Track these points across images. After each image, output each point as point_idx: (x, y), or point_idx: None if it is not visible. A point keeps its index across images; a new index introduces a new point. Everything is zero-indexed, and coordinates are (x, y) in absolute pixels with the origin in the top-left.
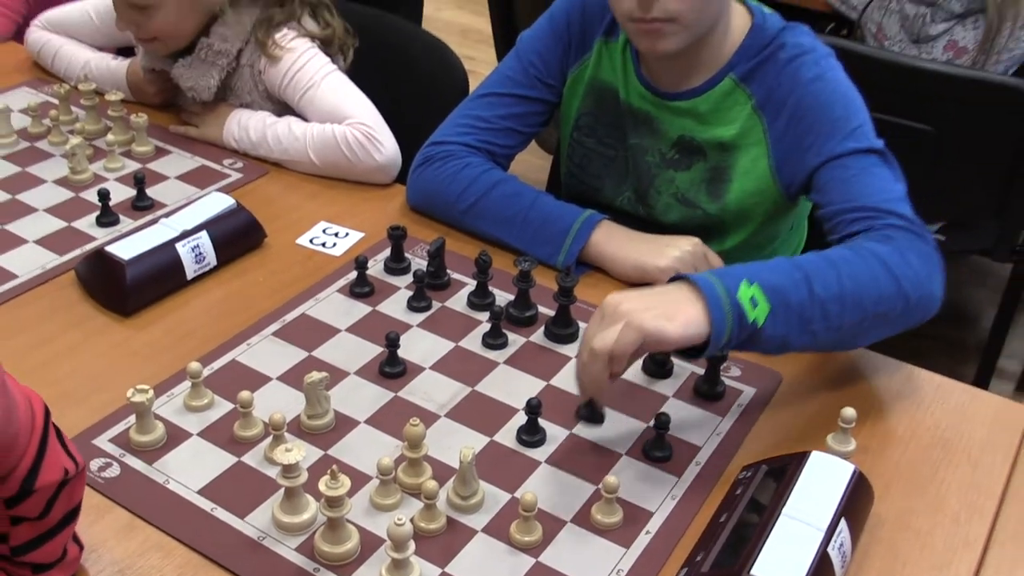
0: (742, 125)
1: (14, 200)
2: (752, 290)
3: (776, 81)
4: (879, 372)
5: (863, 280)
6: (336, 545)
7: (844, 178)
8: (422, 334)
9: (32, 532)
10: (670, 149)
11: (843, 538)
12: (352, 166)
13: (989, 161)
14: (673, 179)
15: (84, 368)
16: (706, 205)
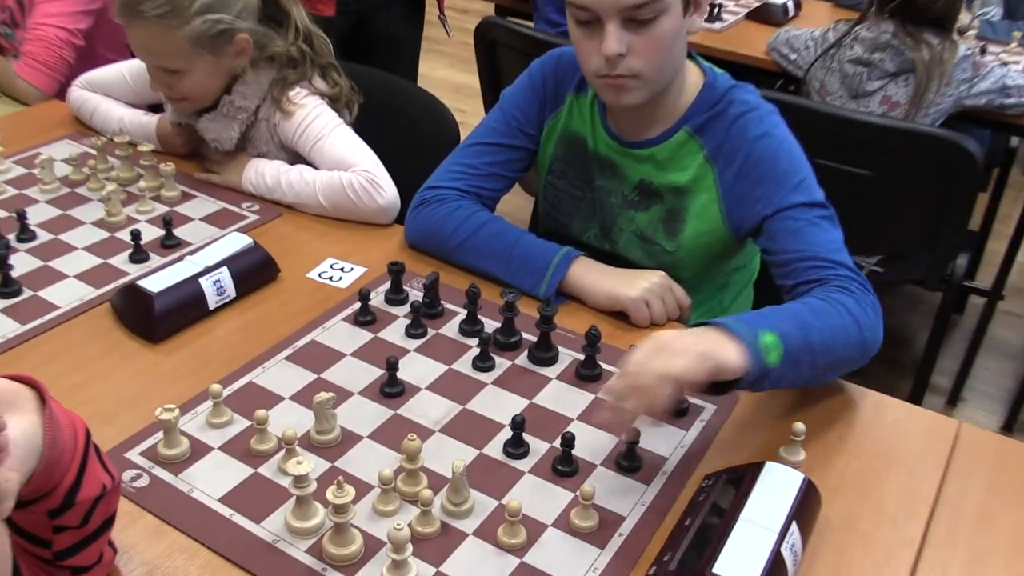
0: (695, 172)
1: (56, 239)
2: (770, 337)
3: (726, 134)
4: (825, 391)
5: (837, 329)
6: (342, 547)
7: (794, 229)
8: (418, 358)
9: (72, 539)
10: (631, 192)
11: (794, 539)
12: (357, 208)
13: (920, 201)
14: (633, 218)
15: (117, 389)
16: (663, 242)
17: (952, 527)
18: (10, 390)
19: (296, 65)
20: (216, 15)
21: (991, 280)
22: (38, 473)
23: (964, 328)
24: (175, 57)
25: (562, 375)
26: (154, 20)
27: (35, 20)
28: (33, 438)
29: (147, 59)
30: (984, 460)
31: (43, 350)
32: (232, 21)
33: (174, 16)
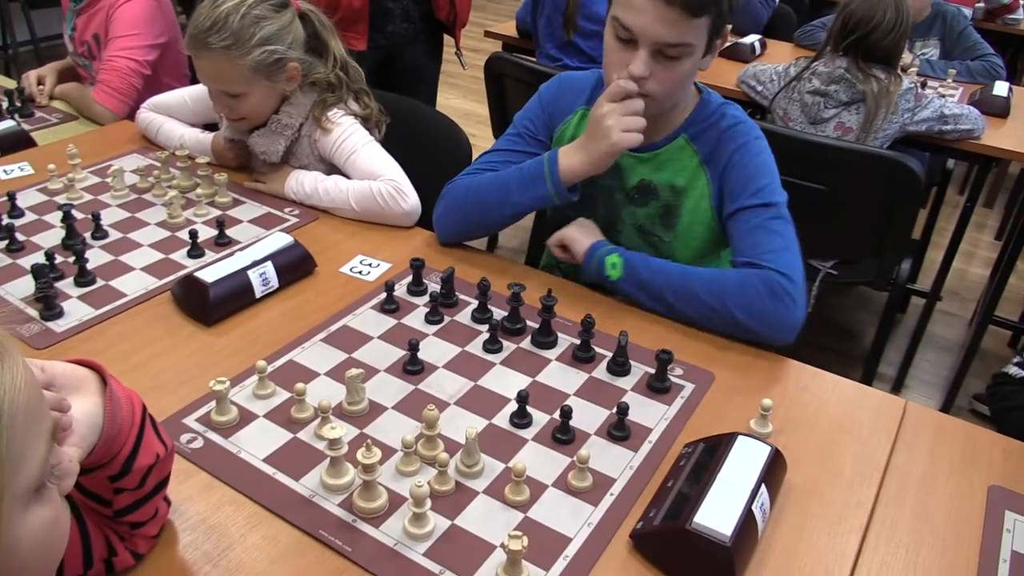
0: (690, 175)
1: (125, 238)
2: (616, 259)
3: (716, 142)
4: (791, 373)
5: (701, 293)
6: (370, 502)
7: (744, 231)
8: (436, 341)
9: (130, 499)
10: (632, 189)
11: (763, 499)
12: (384, 212)
13: (869, 213)
14: (634, 213)
15: (176, 365)
16: (661, 234)
17: (900, 490)
18: (75, 375)
19: (334, 89)
20: (272, 47)
21: (930, 283)
22: (99, 447)
23: (907, 325)
24: (237, 83)
25: (561, 357)
26: (220, 51)
27: (110, 53)
28: (95, 417)
29: (212, 85)
30: (927, 433)
31: (113, 331)
32: (285, 51)
33: (237, 48)
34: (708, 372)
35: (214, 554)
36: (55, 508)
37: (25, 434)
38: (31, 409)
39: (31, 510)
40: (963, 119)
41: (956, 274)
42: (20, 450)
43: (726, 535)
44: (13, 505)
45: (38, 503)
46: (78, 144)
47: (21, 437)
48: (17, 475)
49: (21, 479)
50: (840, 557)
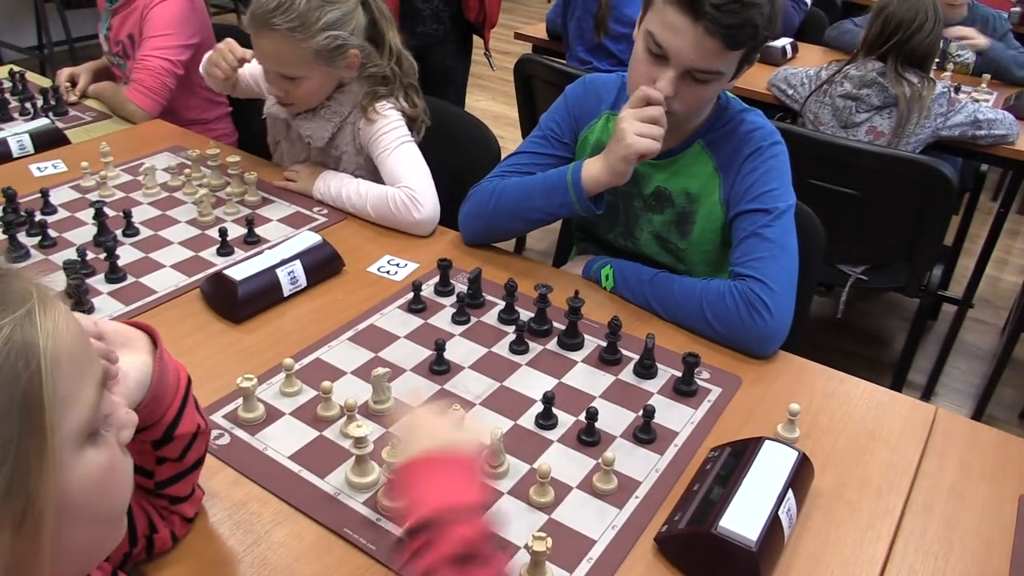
0: (704, 181)
1: (156, 235)
2: (608, 271)
3: (731, 148)
4: (818, 378)
5: (682, 303)
6: (395, 500)
7: (738, 237)
8: (463, 341)
9: (171, 471)
10: (649, 196)
11: (790, 505)
12: (396, 219)
13: (901, 218)
14: (651, 220)
15: (205, 361)
16: (676, 241)
17: (929, 498)
18: (127, 333)
19: (387, 83)
20: (336, 31)
21: (962, 291)
22: (144, 405)
23: (938, 332)
24: (297, 66)
25: (587, 359)
26: (284, 33)
27: (143, 53)
28: (143, 374)
29: (270, 66)
30: (958, 441)
31: None
32: (347, 38)
33: (302, 31)
34: (735, 376)
35: (240, 550)
36: (112, 454)
37: (71, 377)
38: (76, 353)
39: (85, 453)
40: (997, 124)
41: (988, 281)
42: (67, 392)
43: (752, 540)
44: (64, 446)
45: (93, 447)
46: (111, 142)
47: (67, 380)
48: (66, 415)
49: (71, 420)
50: (867, 564)
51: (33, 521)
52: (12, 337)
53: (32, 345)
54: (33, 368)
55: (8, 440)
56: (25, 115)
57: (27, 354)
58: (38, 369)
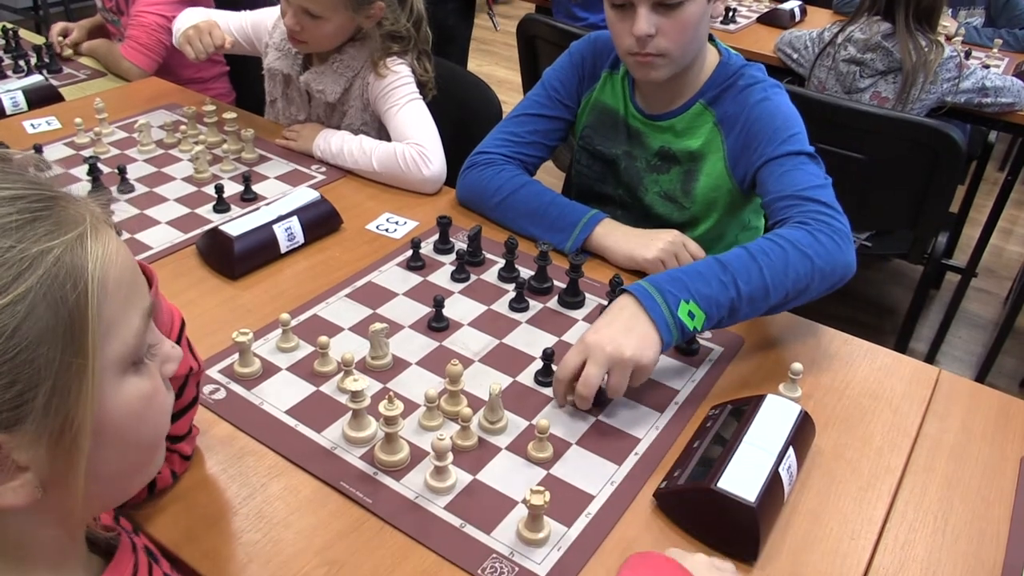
0: (706, 137)
1: (151, 192)
2: (690, 306)
3: (733, 103)
4: (821, 339)
5: (780, 268)
6: (392, 455)
7: (778, 173)
8: (462, 299)
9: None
10: (653, 157)
11: (791, 462)
12: (404, 175)
13: (907, 184)
14: (657, 180)
15: (201, 317)
16: (682, 200)
17: (930, 458)
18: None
19: (403, 42)
20: None
21: (966, 260)
22: None
23: (940, 300)
24: (324, 5)
25: (587, 317)
26: None
27: (137, 8)
28: None
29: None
30: (960, 403)
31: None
32: None
33: None
34: (737, 336)
35: (235, 502)
36: (154, 385)
37: (118, 303)
38: (124, 281)
39: (127, 380)
40: (1005, 92)
41: (993, 251)
42: (113, 317)
43: (751, 496)
44: (106, 370)
45: (135, 375)
46: (105, 99)
47: (114, 305)
48: (110, 341)
49: (115, 346)
50: (867, 523)
51: (70, 439)
52: (62, 258)
53: (81, 268)
54: (80, 290)
55: (51, 359)
56: (19, 72)
57: (75, 276)
58: (85, 291)
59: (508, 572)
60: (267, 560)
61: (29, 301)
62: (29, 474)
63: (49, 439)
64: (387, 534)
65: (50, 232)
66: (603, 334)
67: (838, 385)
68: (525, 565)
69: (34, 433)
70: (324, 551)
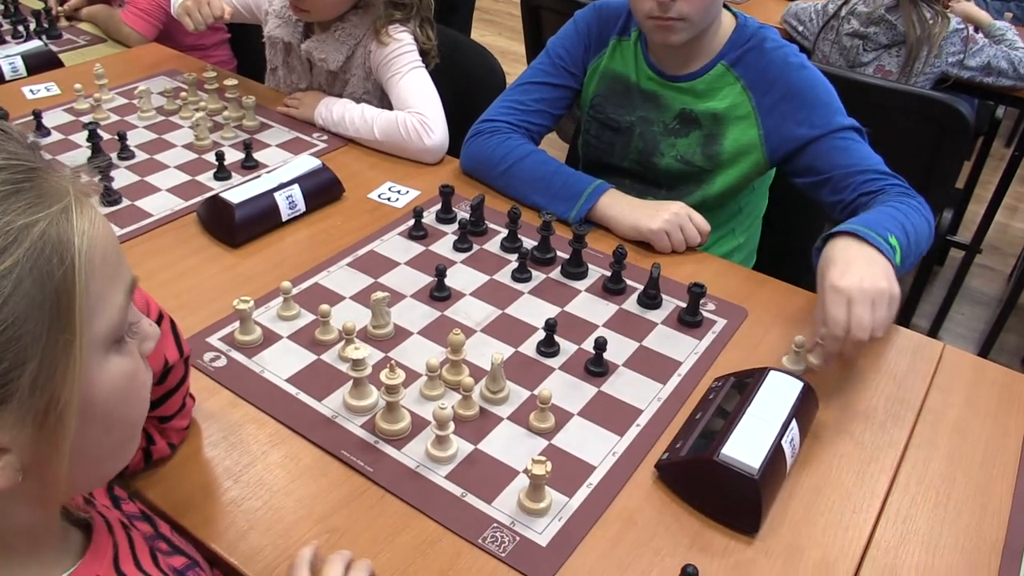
0: (732, 101)
1: (151, 159)
2: (891, 239)
3: (763, 65)
4: None
5: (920, 227)
6: (393, 424)
7: (844, 147)
8: (464, 269)
9: (155, 394)
10: (672, 120)
11: (793, 435)
12: (405, 144)
13: (912, 157)
14: (675, 144)
15: (201, 285)
16: (701, 163)
17: (933, 433)
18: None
19: (406, 9)
20: None
21: (971, 236)
22: None
23: (944, 277)
24: None
25: (591, 288)
26: None
27: None
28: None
29: None
30: (963, 377)
31: (138, 251)
32: None
33: None
34: (741, 308)
35: (235, 470)
36: (135, 363)
37: (103, 279)
38: (109, 256)
39: (110, 358)
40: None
41: (997, 228)
42: (98, 293)
43: (754, 468)
44: (92, 347)
45: (117, 353)
46: (105, 65)
47: (99, 281)
48: (96, 317)
49: (100, 323)
50: (869, 496)
51: (55, 419)
52: (47, 232)
53: (67, 242)
54: (68, 265)
55: (37, 336)
56: (18, 38)
57: (62, 251)
58: (72, 267)
59: (509, 541)
60: (267, 528)
61: (15, 276)
62: (11, 456)
63: (34, 420)
64: (388, 503)
65: (33, 205)
66: (852, 275)
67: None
68: (526, 535)
69: (18, 413)
70: (325, 519)
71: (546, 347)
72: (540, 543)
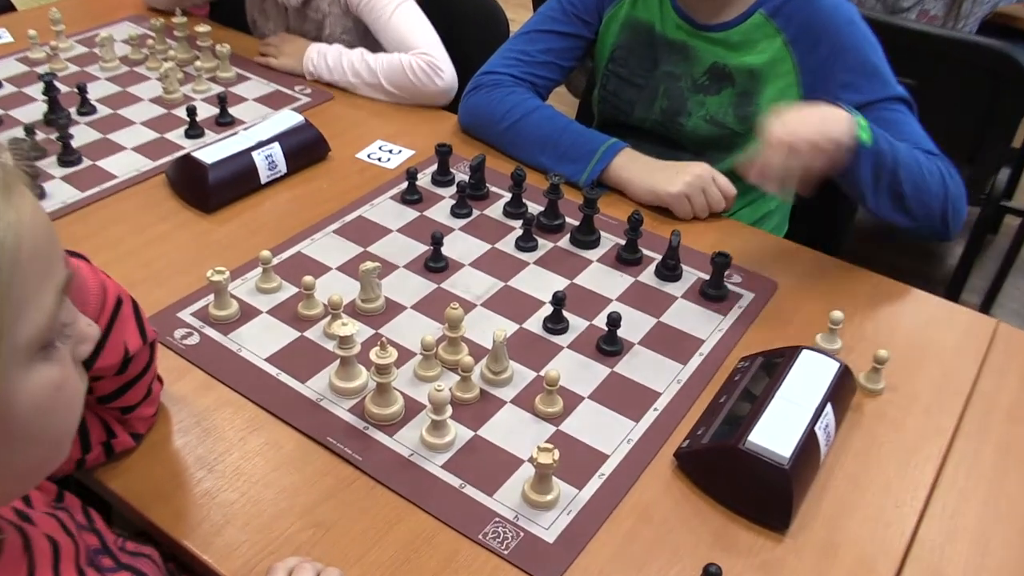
0: (772, 56)
1: (115, 114)
2: (864, 122)
3: (807, 16)
4: (865, 284)
5: (923, 168)
6: (384, 407)
7: (891, 120)
8: (463, 236)
9: (114, 385)
10: (702, 75)
11: (828, 420)
12: (417, 90)
13: (962, 112)
14: (704, 102)
15: (171, 254)
16: (733, 125)
17: (985, 419)
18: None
19: None
20: None
21: None
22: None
23: (997, 247)
24: None
25: (603, 258)
26: None
27: None
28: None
29: None
30: (1019, 358)
31: (101, 216)
32: None
33: None
34: (770, 280)
35: (209, 459)
36: (64, 372)
37: (32, 279)
38: (40, 252)
39: (35, 367)
40: None
41: None
42: (24, 294)
43: (784, 456)
44: (13, 355)
45: (43, 361)
46: (63, 9)
47: (27, 281)
48: (19, 321)
49: (24, 327)
50: (912, 488)
51: None
52: None
53: None
54: None
55: None
56: None
57: None
58: None
59: (512, 537)
60: (245, 522)
61: None
62: None
63: None
64: (378, 495)
65: None
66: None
67: (882, 336)
68: (531, 530)
69: None
70: (309, 513)
71: (554, 323)
72: (546, 539)
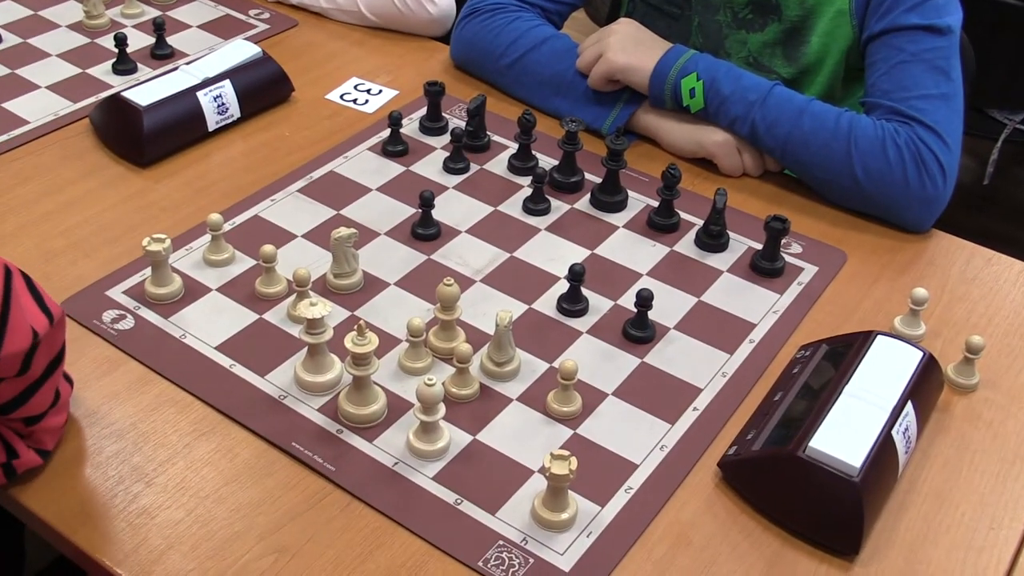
0: None
1: (25, 44)
2: (696, 84)
3: None
4: (956, 256)
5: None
6: (361, 406)
7: (889, 59)
8: (459, 196)
9: (15, 389)
10: (744, 7)
11: (909, 421)
12: (405, 18)
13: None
14: (745, 40)
15: (98, 218)
16: (780, 69)
17: None
18: None
19: None
20: None
21: None
22: None
23: None
24: None
25: (631, 223)
26: None
27: None
28: None
29: None
30: None
31: (11, 170)
32: None
33: None
34: (838, 251)
35: (147, 469)
36: None
37: None
38: None
39: None
40: None
41: None
42: None
43: (853, 466)
44: None
45: None
46: None
47: None
48: None
49: None
50: (1012, 505)
51: None
52: None
53: None
54: None
55: None
56: None
57: None
58: None
59: (520, 564)
60: (193, 546)
61: None
62: None
63: None
64: (355, 513)
65: None
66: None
67: (977, 319)
68: (542, 555)
69: None
70: (270, 535)
71: (570, 303)
72: (561, 567)
